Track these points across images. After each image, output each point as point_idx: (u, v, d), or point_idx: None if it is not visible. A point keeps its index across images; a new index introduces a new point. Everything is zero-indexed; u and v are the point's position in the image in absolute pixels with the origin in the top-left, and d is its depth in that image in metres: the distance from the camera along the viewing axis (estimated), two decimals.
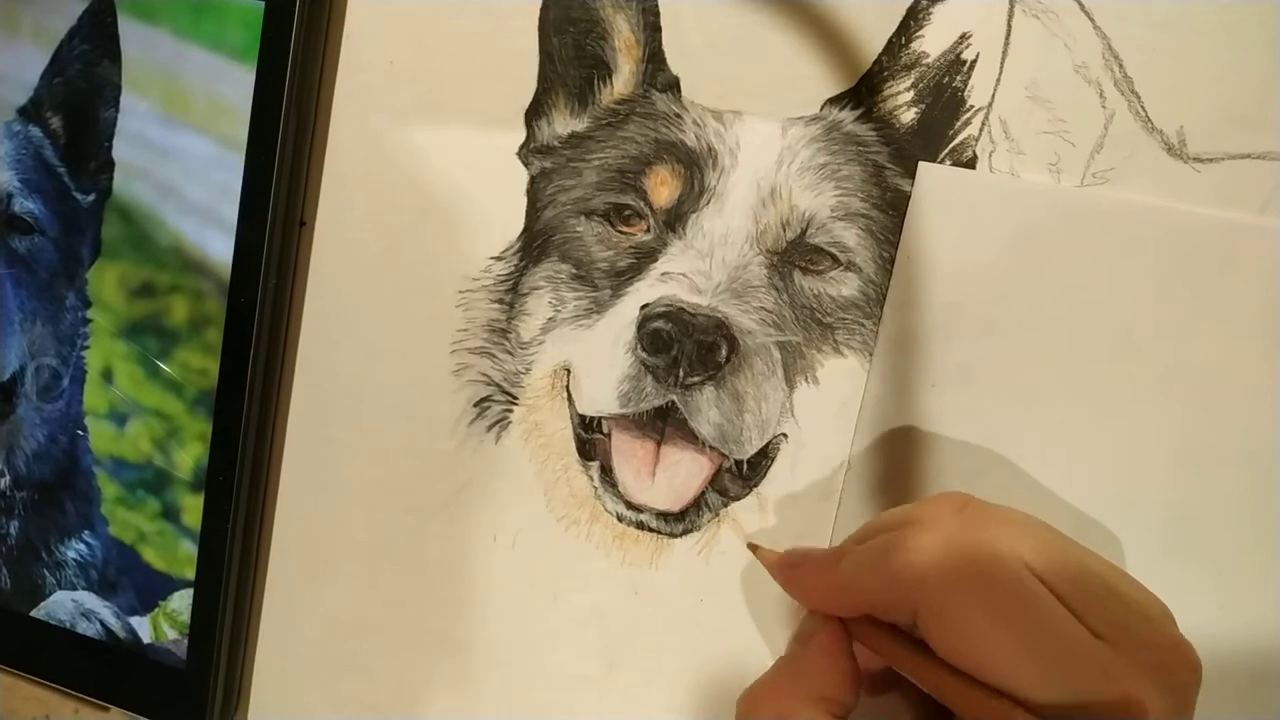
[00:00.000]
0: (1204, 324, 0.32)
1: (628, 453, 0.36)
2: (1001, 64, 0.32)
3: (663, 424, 0.35)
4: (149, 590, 0.40)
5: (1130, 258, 0.32)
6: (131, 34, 0.38)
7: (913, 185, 0.33)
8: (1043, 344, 0.33)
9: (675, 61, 0.35)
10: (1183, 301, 0.32)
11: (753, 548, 0.33)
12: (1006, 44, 0.32)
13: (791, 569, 0.30)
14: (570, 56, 0.35)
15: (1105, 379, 0.33)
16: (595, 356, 0.36)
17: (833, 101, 0.34)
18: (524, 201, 0.36)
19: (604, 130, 0.36)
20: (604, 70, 0.35)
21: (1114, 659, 0.24)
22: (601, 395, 0.35)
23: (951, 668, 0.25)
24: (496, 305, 0.37)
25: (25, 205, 0.39)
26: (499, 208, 0.36)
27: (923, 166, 0.33)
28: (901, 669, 0.27)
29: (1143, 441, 0.32)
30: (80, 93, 0.39)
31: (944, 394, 0.34)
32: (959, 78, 0.33)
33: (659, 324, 0.34)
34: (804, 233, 0.34)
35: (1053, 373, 0.33)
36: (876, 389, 0.34)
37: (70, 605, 0.41)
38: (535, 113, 0.36)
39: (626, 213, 0.35)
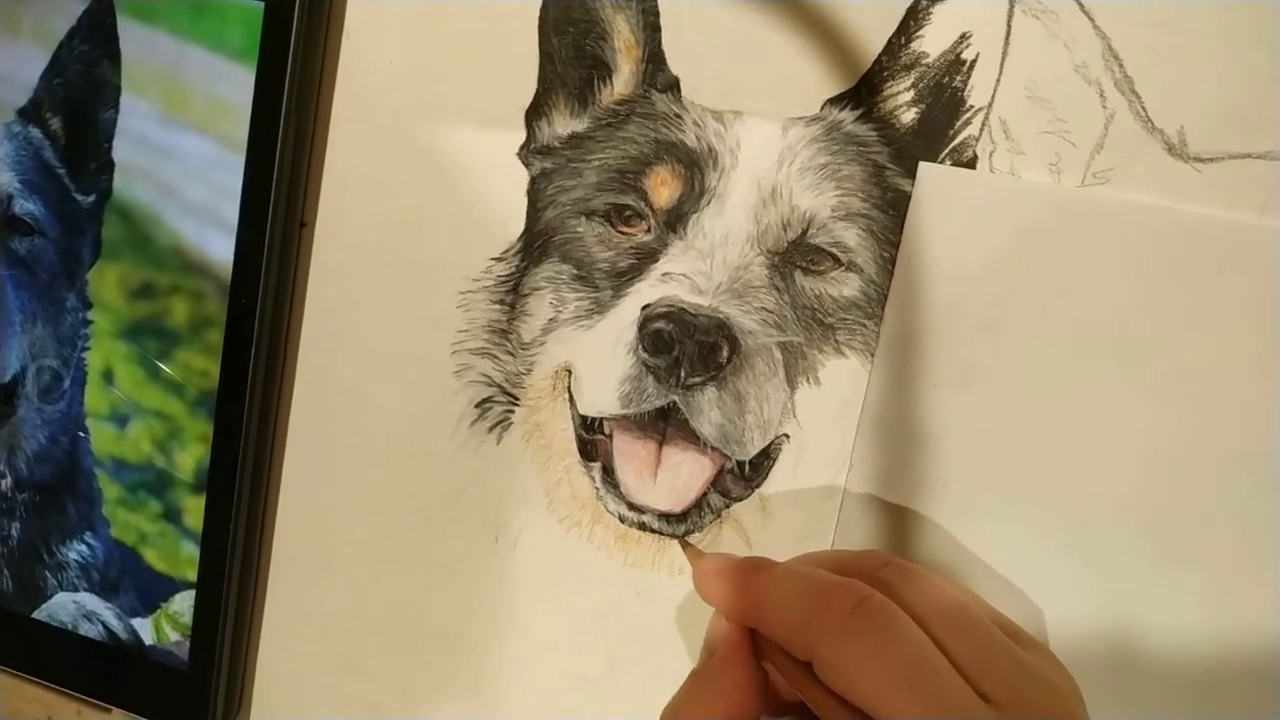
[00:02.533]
0: (1204, 324, 0.32)
1: (629, 453, 0.36)
2: (1001, 64, 0.32)
3: (664, 425, 0.35)
4: (151, 592, 0.40)
5: (1130, 258, 0.32)
6: (131, 34, 0.38)
7: (913, 185, 0.33)
8: (1043, 344, 0.33)
9: (675, 62, 0.35)
10: (1183, 301, 0.32)
11: (683, 544, 0.34)
12: (1006, 44, 0.32)
13: (706, 576, 0.31)
14: (570, 57, 0.35)
15: (1105, 379, 0.33)
16: (596, 357, 0.36)
17: (833, 102, 0.34)
18: (524, 202, 0.36)
19: (604, 131, 0.36)
20: (604, 70, 0.35)
21: None
22: (603, 396, 0.35)
23: (850, 707, 0.26)
24: (497, 306, 0.37)
25: (25, 206, 0.39)
26: (499, 208, 0.36)
27: (923, 166, 0.33)
28: (802, 695, 0.28)
29: (1142, 441, 0.32)
30: (80, 93, 0.39)
31: (945, 394, 0.34)
32: (959, 78, 0.33)
33: (660, 324, 0.34)
34: (805, 233, 0.34)
35: (1053, 373, 0.33)
36: (878, 389, 0.34)
37: (72, 607, 0.41)
38: (535, 113, 0.36)
39: (627, 213, 0.35)
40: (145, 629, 0.41)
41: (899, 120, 0.33)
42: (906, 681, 0.25)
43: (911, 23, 0.33)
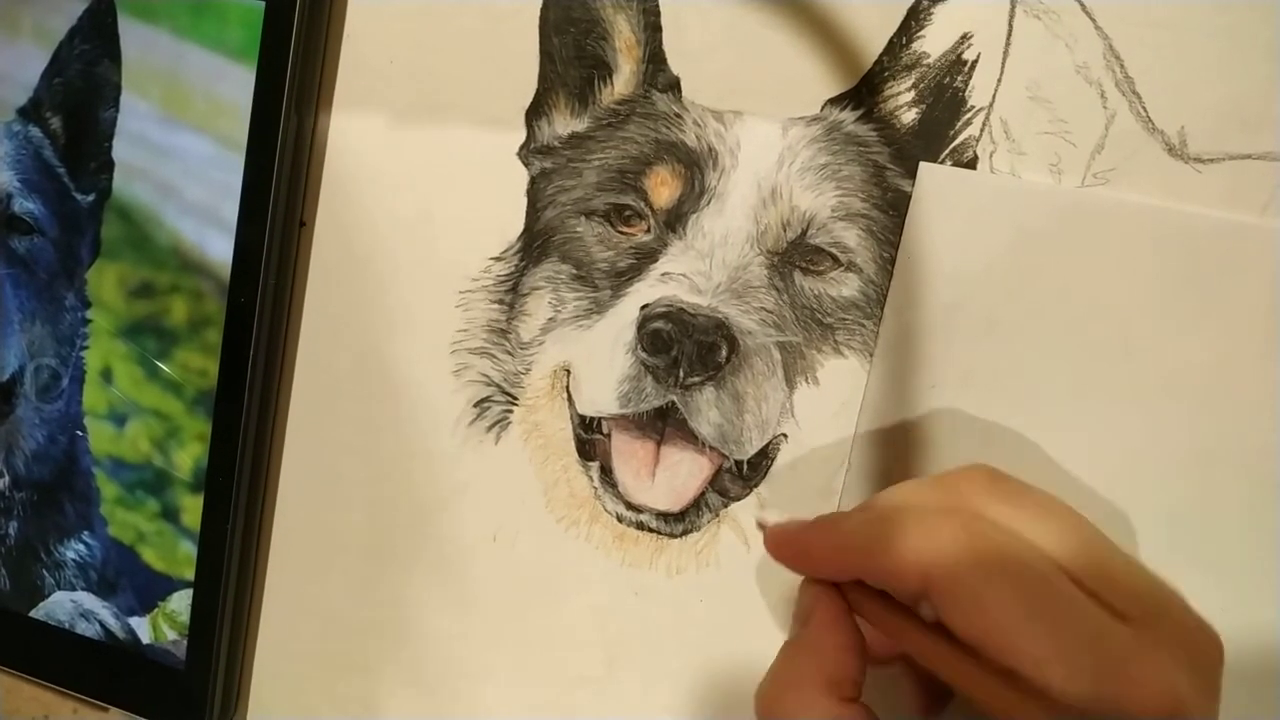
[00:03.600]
0: (1204, 325, 0.32)
1: (627, 453, 0.36)
2: (1003, 64, 0.32)
3: (663, 424, 0.35)
4: (148, 591, 0.40)
5: (1130, 258, 0.32)
6: (131, 34, 0.38)
7: (913, 186, 0.33)
8: (1043, 344, 0.33)
9: (675, 61, 0.35)
10: (1183, 302, 0.32)
11: (761, 526, 0.32)
12: (1008, 44, 0.32)
13: (786, 537, 0.29)
14: (570, 56, 0.35)
15: (1105, 380, 0.32)
16: (595, 357, 0.35)
17: (833, 102, 0.34)
18: (524, 202, 0.36)
19: (604, 130, 0.36)
20: (604, 70, 0.35)
21: (1141, 643, 0.23)
22: (601, 395, 0.35)
23: (963, 650, 0.24)
24: (496, 305, 0.37)
25: (25, 205, 0.39)
26: (499, 208, 0.36)
27: (923, 167, 0.33)
28: (906, 646, 0.26)
29: (1142, 442, 0.32)
30: (80, 93, 0.39)
31: (944, 394, 0.33)
32: (960, 78, 0.33)
33: (659, 324, 0.34)
34: (804, 233, 0.34)
35: (1053, 373, 0.33)
36: (877, 389, 0.34)
37: (69, 606, 0.41)
38: (535, 113, 0.36)
39: (627, 213, 0.35)
40: (143, 628, 0.40)
41: (899, 120, 0.33)
42: (1034, 608, 0.23)
43: (912, 23, 0.33)
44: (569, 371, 0.36)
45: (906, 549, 0.25)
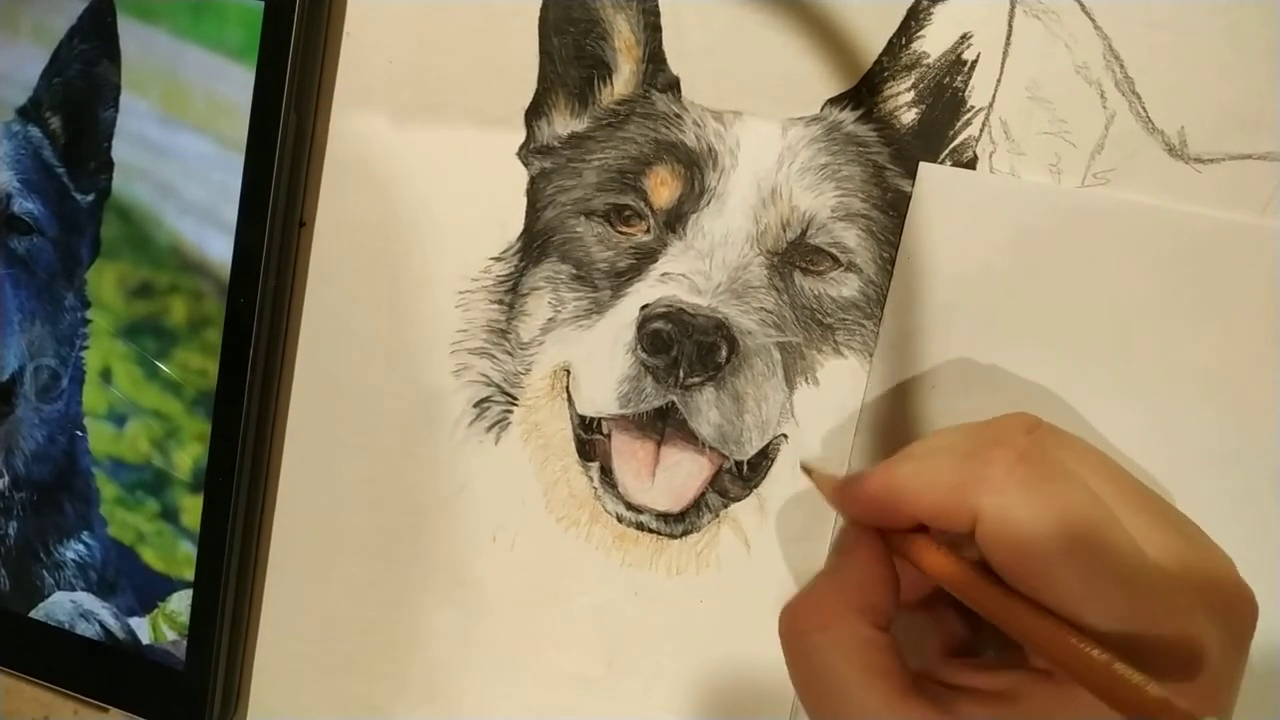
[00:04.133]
0: (1204, 325, 0.32)
1: (627, 453, 0.36)
2: (1002, 64, 0.32)
3: (662, 425, 0.35)
4: (148, 591, 0.40)
5: (1130, 258, 0.32)
6: (131, 34, 0.38)
7: (913, 185, 0.33)
8: (1042, 344, 0.33)
9: (675, 61, 0.35)
10: (1183, 302, 0.32)
11: (807, 470, 0.32)
12: (1007, 44, 0.32)
13: (843, 484, 0.29)
14: (570, 56, 0.35)
15: (1104, 380, 0.32)
16: (595, 357, 0.35)
17: (833, 102, 0.34)
18: (524, 202, 0.36)
19: (604, 130, 0.36)
20: (604, 70, 0.35)
21: (1179, 592, 0.24)
22: (601, 396, 0.35)
23: (1005, 587, 0.25)
24: (496, 306, 0.37)
25: (24, 205, 0.39)
26: (499, 208, 0.36)
27: (923, 167, 0.33)
28: (949, 584, 0.26)
29: (1141, 441, 0.32)
30: (80, 93, 0.39)
31: (943, 395, 0.33)
32: (960, 78, 0.33)
33: (659, 324, 0.34)
34: (804, 233, 0.34)
35: (1052, 373, 0.33)
36: (877, 390, 0.34)
37: (69, 606, 0.41)
38: (535, 113, 0.36)
39: (626, 213, 0.35)
40: (142, 628, 0.40)
41: (899, 120, 0.33)
42: (1079, 536, 0.24)
43: (912, 23, 0.33)
44: (569, 372, 0.36)
45: (957, 486, 0.26)
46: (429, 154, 0.37)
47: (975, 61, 0.33)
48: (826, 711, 0.26)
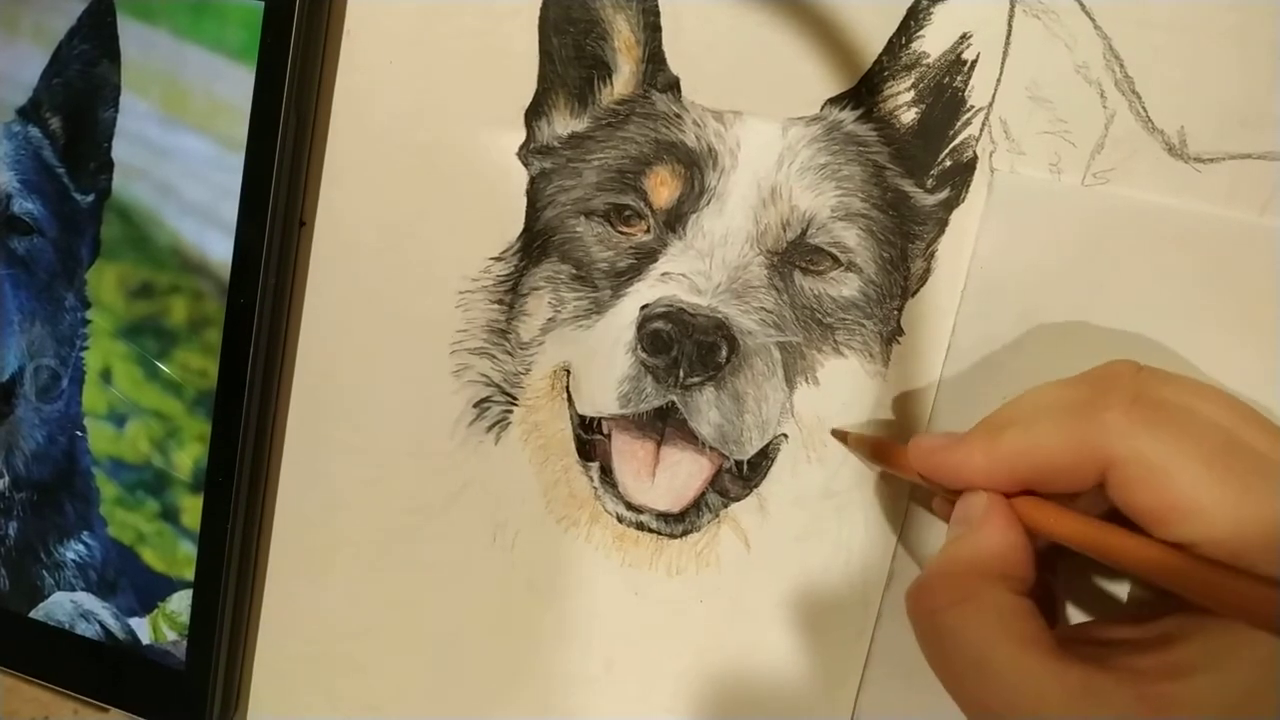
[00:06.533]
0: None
1: (627, 453, 0.36)
2: (1002, 64, 0.32)
3: (663, 424, 0.35)
4: (148, 591, 0.40)
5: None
6: (131, 34, 0.38)
7: (988, 193, 0.33)
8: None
9: (675, 61, 0.35)
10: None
11: (840, 435, 0.32)
12: (1007, 44, 0.32)
13: (934, 453, 0.28)
14: (570, 56, 0.35)
15: None
16: (595, 357, 0.35)
17: (833, 102, 0.34)
18: (524, 202, 0.36)
19: (604, 130, 0.36)
20: (604, 70, 0.35)
21: None
22: (601, 396, 0.35)
23: (1150, 538, 0.24)
24: (496, 306, 0.37)
25: (24, 206, 0.39)
26: (499, 208, 0.36)
27: (998, 175, 0.32)
28: (1081, 541, 0.26)
29: None
30: (80, 93, 0.39)
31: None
32: (959, 78, 0.33)
33: (659, 324, 0.34)
34: (804, 233, 0.34)
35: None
36: (946, 402, 0.33)
37: (69, 606, 0.41)
38: (535, 113, 0.36)
39: (626, 213, 0.35)
40: (143, 628, 0.40)
41: (899, 120, 0.33)
42: (1220, 461, 0.23)
43: (912, 23, 0.33)
44: (569, 372, 0.36)
45: (1078, 439, 0.25)
46: (429, 154, 0.37)
47: (975, 61, 0.33)
48: (979, 689, 0.25)
